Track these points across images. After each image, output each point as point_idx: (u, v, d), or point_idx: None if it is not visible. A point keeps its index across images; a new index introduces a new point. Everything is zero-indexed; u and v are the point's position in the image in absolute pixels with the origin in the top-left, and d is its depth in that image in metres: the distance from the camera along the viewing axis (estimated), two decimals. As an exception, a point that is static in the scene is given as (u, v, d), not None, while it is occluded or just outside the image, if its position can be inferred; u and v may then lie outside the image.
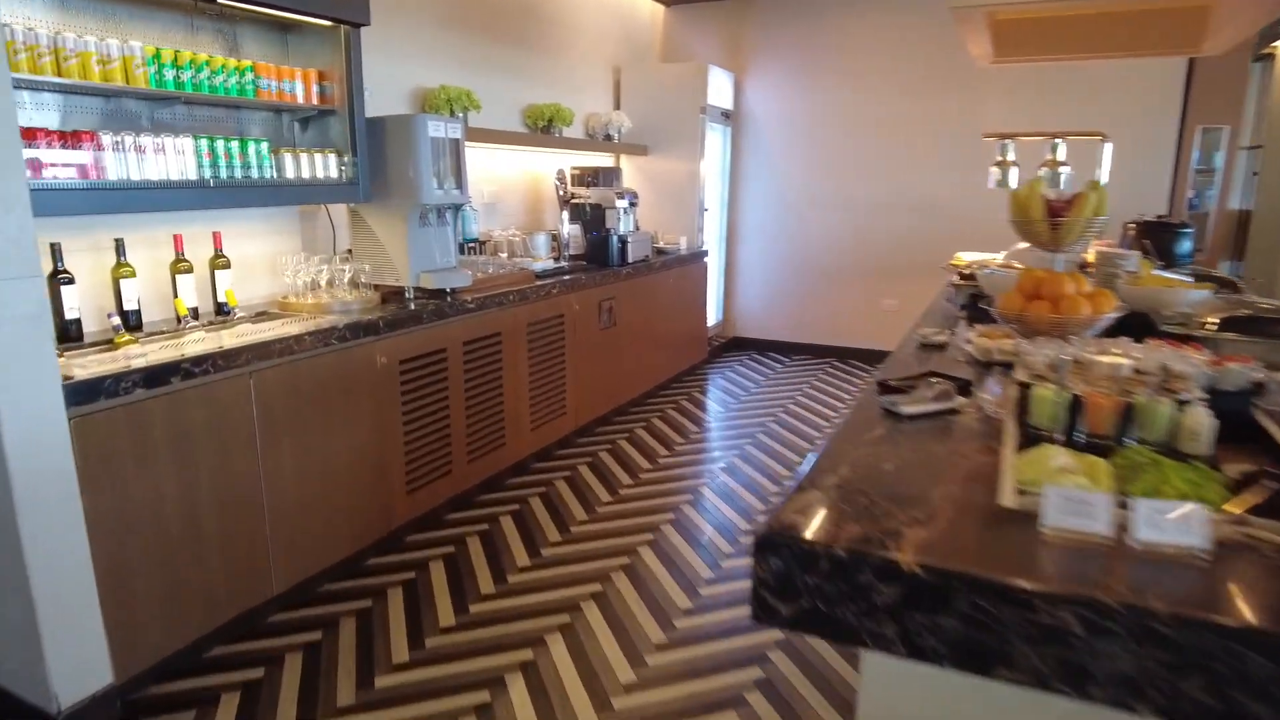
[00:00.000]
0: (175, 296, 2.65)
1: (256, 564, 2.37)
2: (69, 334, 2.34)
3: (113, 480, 1.98)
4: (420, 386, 2.95)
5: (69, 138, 2.11)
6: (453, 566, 2.84)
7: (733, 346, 6.27)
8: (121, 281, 2.48)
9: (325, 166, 2.80)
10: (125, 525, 2.01)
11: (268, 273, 3.05)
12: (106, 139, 2.17)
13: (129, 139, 2.22)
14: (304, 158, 2.73)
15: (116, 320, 2.36)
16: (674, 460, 3.88)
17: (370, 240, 3.14)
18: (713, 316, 5.94)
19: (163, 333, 2.52)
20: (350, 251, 3.25)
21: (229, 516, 2.27)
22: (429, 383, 3.00)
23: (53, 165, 2.05)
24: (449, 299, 3.10)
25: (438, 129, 2.99)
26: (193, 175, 2.38)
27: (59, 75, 2.10)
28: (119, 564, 2.00)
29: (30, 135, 2.02)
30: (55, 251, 2.30)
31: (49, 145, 2.06)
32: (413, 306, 2.94)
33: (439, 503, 3.15)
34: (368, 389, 2.71)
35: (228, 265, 2.78)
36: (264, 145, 2.59)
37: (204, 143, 2.41)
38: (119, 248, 2.47)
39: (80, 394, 1.89)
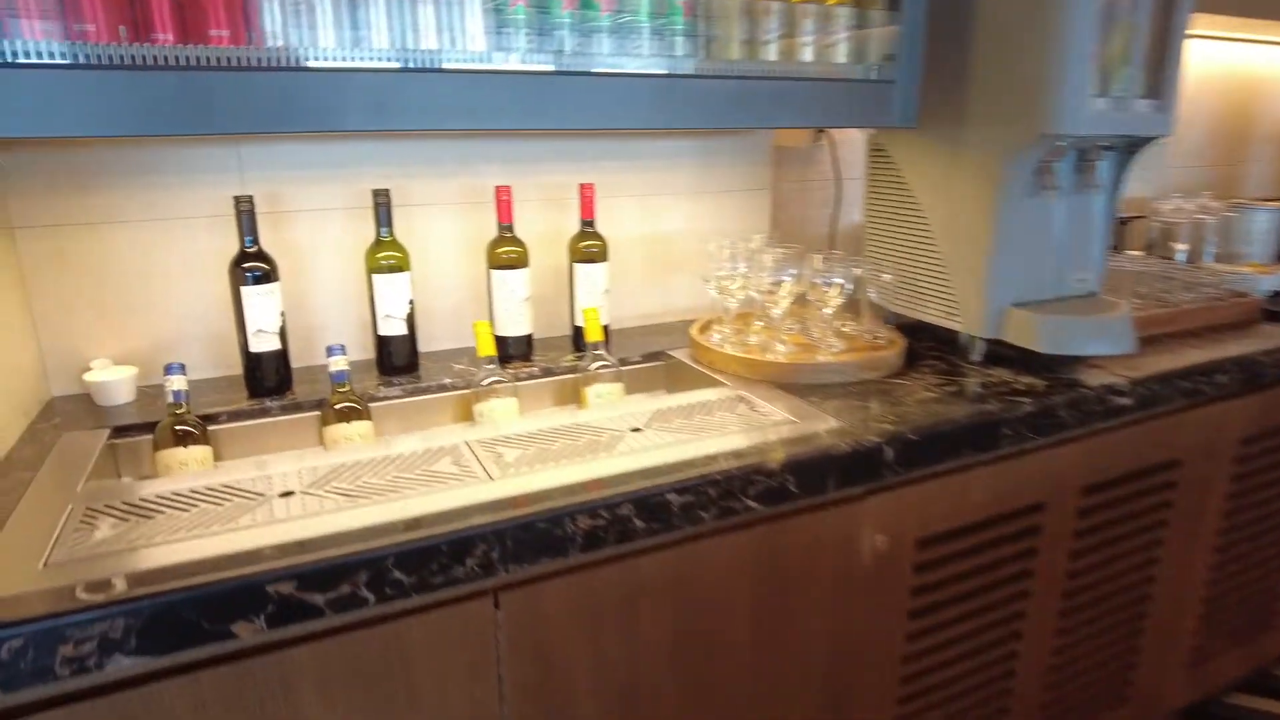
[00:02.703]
0: (487, 318, 1.33)
1: None
2: (257, 381, 1.16)
3: None
4: (963, 595, 1.19)
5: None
6: None
7: None
8: (379, 279, 1.21)
9: (827, 34, 1.15)
10: None
11: (690, 268, 1.58)
12: (266, -59, 0.85)
13: (318, -59, 0.86)
14: (774, 13, 1.11)
15: (339, 361, 1.11)
16: None
17: (902, 218, 1.42)
18: None
19: (438, 387, 1.22)
20: (867, 246, 1.58)
21: None
22: (988, 585, 1.21)
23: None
24: (1069, 381, 1.23)
25: (1138, -76, 1.08)
26: (478, 50, 0.95)
27: None
28: None
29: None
30: (242, 214, 1.10)
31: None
32: (977, 391, 1.17)
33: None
34: (828, 605, 1.06)
35: (602, 254, 1.35)
36: (677, -23, 1.04)
37: (516, -40, 0.96)
38: (379, 209, 1.20)
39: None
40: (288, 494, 0.86)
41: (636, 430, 1.02)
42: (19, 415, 1.05)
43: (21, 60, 0.76)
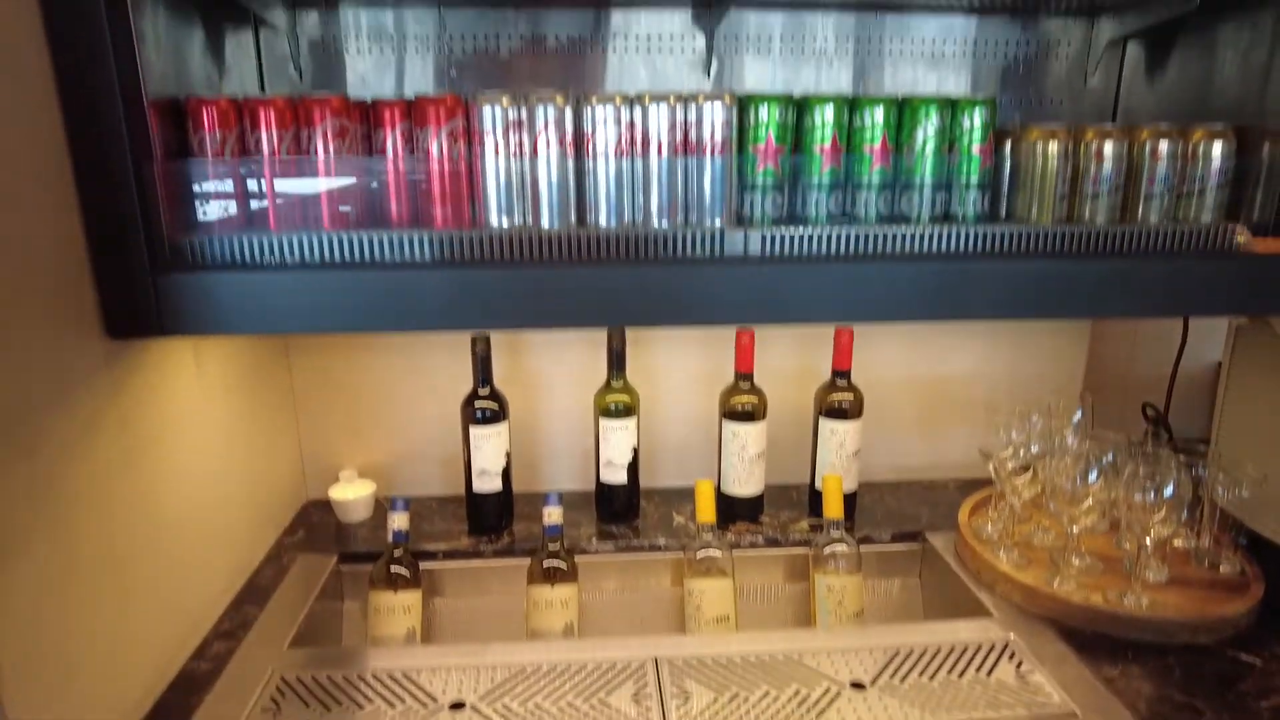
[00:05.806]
0: (715, 467, 1.19)
1: None
2: (478, 518, 1.15)
3: None
4: None
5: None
6: None
7: None
8: (605, 423, 1.14)
9: (1188, 179, 0.86)
10: None
11: (973, 420, 1.31)
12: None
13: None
14: (1107, 157, 0.84)
15: (554, 513, 1.04)
16: None
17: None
18: None
19: (650, 547, 1.12)
20: (1226, 422, 1.20)
21: None
22: None
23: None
24: None
25: None
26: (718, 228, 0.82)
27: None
28: None
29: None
30: (477, 356, 1.09)
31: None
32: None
33: None
34: None
35: (855, 409, 1.15)
36: (977, 117, 0.82)
37: (661, 112, 0.81)
38: (613, 353, 1.12)
39: None
40: (458, 706, 0.80)
41: (858, 686, 0.83)
42: (272, 528, 1.13)
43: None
